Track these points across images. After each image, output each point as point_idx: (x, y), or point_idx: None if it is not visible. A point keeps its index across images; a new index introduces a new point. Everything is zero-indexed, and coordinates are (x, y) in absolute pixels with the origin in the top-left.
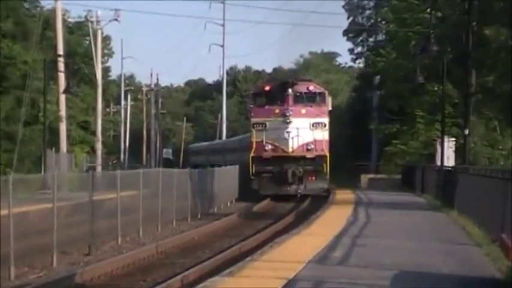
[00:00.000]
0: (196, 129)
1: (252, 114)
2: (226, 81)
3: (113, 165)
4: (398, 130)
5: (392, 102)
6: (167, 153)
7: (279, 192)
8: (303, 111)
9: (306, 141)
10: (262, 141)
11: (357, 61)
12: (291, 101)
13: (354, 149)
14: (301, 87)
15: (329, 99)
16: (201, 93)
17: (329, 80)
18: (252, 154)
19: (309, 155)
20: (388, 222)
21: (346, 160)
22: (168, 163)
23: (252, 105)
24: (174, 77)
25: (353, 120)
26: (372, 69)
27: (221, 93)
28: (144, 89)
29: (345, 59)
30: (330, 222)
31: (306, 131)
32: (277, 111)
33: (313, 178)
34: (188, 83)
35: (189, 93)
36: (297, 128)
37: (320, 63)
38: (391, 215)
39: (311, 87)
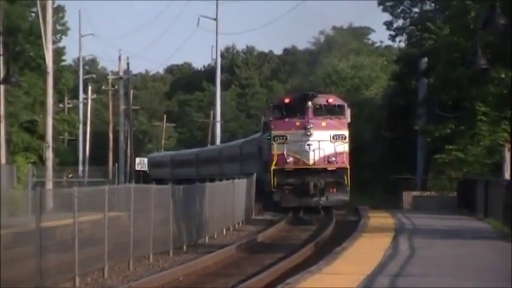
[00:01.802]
0: (181, 130)
1: (273, 126)
2: (221, 66)
3: (69, 181)
4: (453, 132)
5: (445, 93)
6: (141, 163)
7: (300, 204)
8: (323, 123)
9: (327, 154)
10: (283, 154)
11: (397, 39)
12: (311, 114)
13: (394, 158)
14: (321, 100)
15: (348, 111)
16: (186, 82)
17: (359, 64)
18: (273, 167)
19: (330, 167)
20: (439, 255)
21: (383, 172)
22: (143, 177)
23: (271, 118)
24: (151, 61)
25: (392, 119)
26: (418, 50)
27: (214, 82)
28: (111, 77)
29: (380, 36)
30: (361, 256)
31: (327, 143)
32: (297, 123)
33: (335, 190)
34: (170, 70)
35: (170, 82)
36: (318, 141)
37: (347, 42)
38: (444, 246)
39: (331, 100)
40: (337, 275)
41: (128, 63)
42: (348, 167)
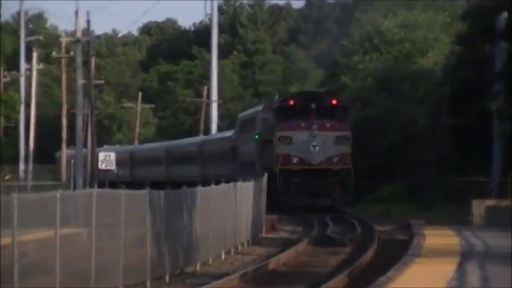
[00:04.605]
0: (162, 114)
1: (277, 127)
2: (219, 24)
3: (6, 184)
4: None
5: None
6: (107, 160)
7: (306, 203)
8: (328, 125)
9: (331, 155)
10: (288, 154)
11: None
12: (315, 115)
13: (459, 153)
14: (325, 101)
15: (350, 113)
16: (170, 48)
17: (411, 22)
18: (279, 167)
19: (334, 168)
20: None
21: (443, 173)
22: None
23: (276, 119)
24: (121, 17)
25: (457, 99)
26: (494, 1)
27: (208, 47)
28: (64, 39)
29: None
30: None
31: (331, 144)
32: (302, 125)
33: (339, 190)
34: (146, 29)
35: (147, 48)
36: (323, 142)
37: None
38: None
39: (334, 101)
40: None
41: (88, 20)
42: (351, 167)
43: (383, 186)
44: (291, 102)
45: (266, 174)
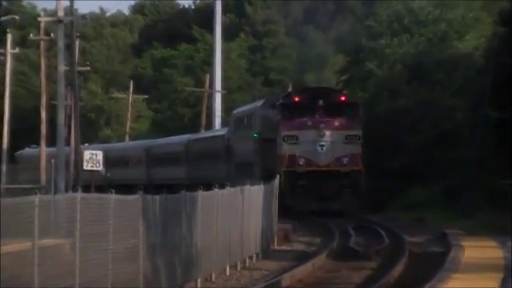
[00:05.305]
0: (158, 107)
1: (282, 126)
2: (224, 2)
3: None
4: None
5: None
6: (93, 160)
7: (313, 208)
8: (337, 123)
9: (340, 155)
10: (294, 155)
11: None
12: (323, 113)
13: (504, 151)
14: (333, 98)
15: (361, 110)
16: (166, 29)
17: (444, 2)
18: (284, 168)
19: (344, 170)
20: None
21: (485, 175)
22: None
23: (280, 117)
24: None
25: (500, 88)
26: None
27: (211, 28)
28: (43, 19)
29: None
30: None
31: (340, 144)
32: (309, 123)
33: (349, 194)
34: (139, 8)
35: (140, 29)
36: (331, 141)
37: None
38: None
39: (343, 98)
40: None
41: None
42: (363, 169)
43: (415, 190)
44: (297, 99)
45: (278, 176)
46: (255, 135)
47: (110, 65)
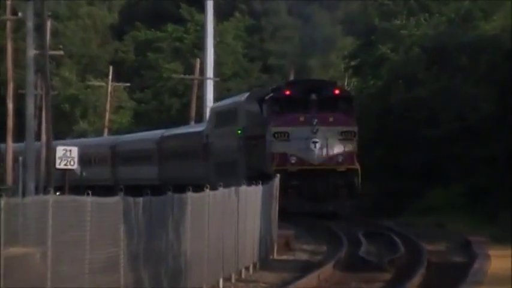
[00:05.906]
0: (141, 96)
1: (272, 122)
2: None
3: None
4: None
5: None
6: (67, 157)
7: (307, 209)
8: (331, 119)
9: (335, 153)
10: (285, 153)
11: None
12: (316, 108)
13: None
14: (327, 91)
15: (354, 104)
16: (150, 7)
17: None
18: (274, 167)
19: (338, 168)
20: None
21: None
22: (69, 181)
23: (270, 112)
24: None
25: None
26: None
27: (201, 6)
28: None
29: None
30: None
31: (335, 141)
32: (301, 119)
33: (345, 194)
34: None
35: (121, 8)
36: (325, 138)
37: None
38: None
39: (337, 91)
40: None
41: None
42: (359, 167)
43: (434, 191)
44: (287, 92)
45: (278, 175)
46: (239, 131)
47: (87, 49)
